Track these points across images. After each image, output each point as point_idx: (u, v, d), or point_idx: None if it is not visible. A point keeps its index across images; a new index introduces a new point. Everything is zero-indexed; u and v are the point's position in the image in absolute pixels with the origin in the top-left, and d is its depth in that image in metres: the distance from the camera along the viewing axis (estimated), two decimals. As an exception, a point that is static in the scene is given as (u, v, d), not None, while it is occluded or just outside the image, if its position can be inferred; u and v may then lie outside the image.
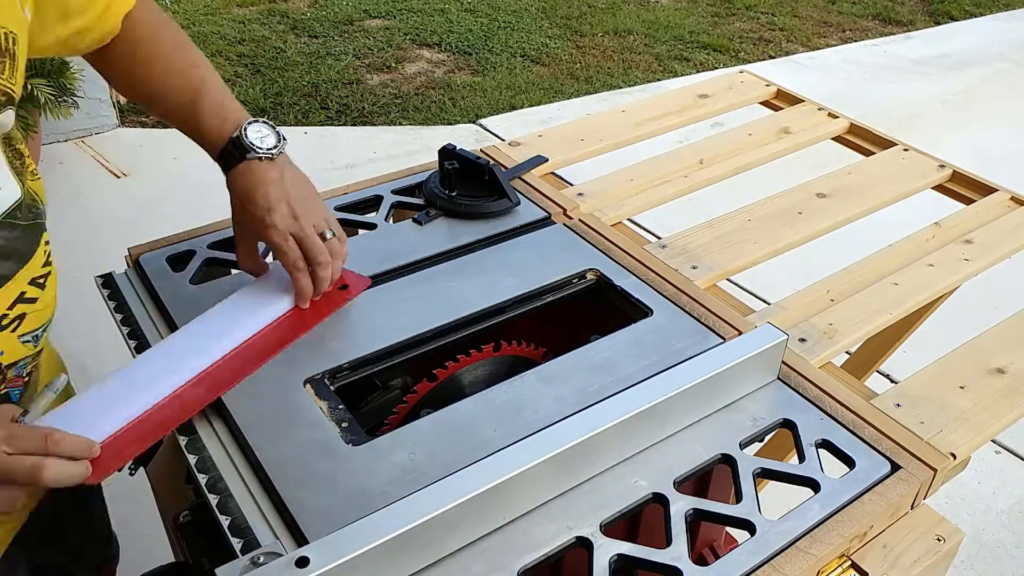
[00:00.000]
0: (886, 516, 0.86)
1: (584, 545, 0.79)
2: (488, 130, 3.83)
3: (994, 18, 5.49)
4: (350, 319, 1.03)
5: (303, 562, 0.69)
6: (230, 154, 0.98)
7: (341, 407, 0.90)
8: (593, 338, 1.01)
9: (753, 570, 0.78)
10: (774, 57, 4.78)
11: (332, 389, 0.93)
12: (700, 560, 0.77)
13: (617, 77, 4.40)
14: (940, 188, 1.48)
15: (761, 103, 1.74)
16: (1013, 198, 1.41)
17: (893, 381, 2.29)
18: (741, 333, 1.03)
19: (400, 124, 3.84)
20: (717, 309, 1.08)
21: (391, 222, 1.25)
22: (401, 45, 4.58)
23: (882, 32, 5.21)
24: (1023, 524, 2.10)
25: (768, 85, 1.75)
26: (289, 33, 4.60)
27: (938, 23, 5.37)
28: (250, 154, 0.97)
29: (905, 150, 1.54)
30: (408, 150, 3.58)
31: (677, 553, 0.78)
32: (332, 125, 3.79)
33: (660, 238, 1.27)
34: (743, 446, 0.90)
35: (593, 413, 0.84)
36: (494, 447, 0.85)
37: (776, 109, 1.71)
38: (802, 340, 1.07)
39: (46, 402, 0.82)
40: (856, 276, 1.21)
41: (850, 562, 0.84)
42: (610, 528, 0.81)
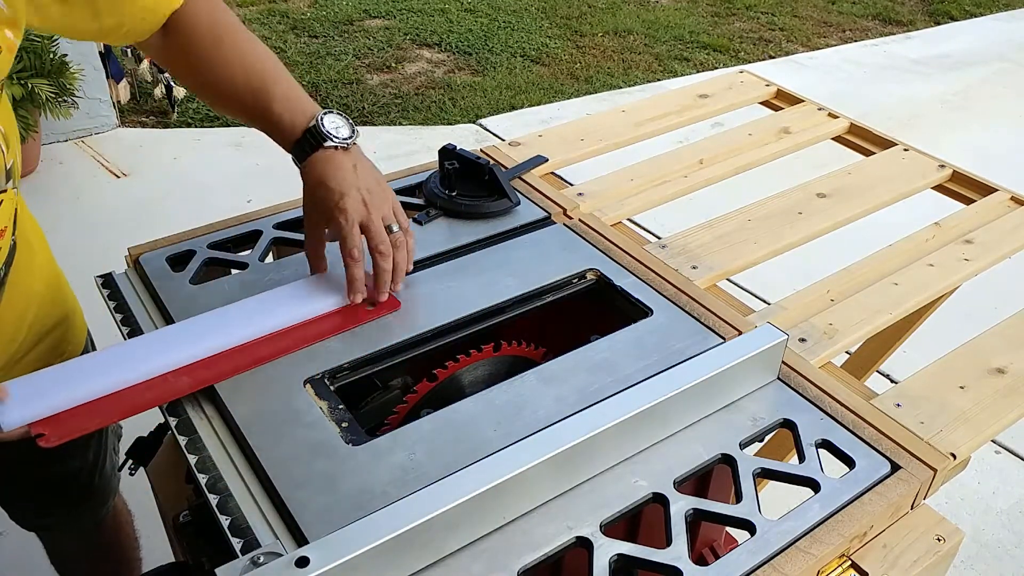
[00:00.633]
0: (886, 516, 0.86)
1: (584, 545, 0.79)
2: (488, 130, 3.83)
3: (994, 18, 5.49)
4: (350, 319, 1.03)
5: (303, 562, 0.69)
6: (306, 143, 0.99)
7: (341, 407, 0.90)
8: (593, 338, 1.01)
9: (753, 570, 0.78)
10: (774, 57, 4.78)
11: (332, 389, 0.93)
12: (700, 560, 0.77)
13: (617, 77, 4.40)
14: (940, 188, 1.48)
15: (761, 103, 1.75)
16: (1013, 198, 1.41)
17: (893, 381, 2.29)
18: (741, 333, 1.03)
19: (400, 124, 3.84)
20: (717, 309, 1.08)
21: (391, 222, 1.25)
22: (401, 45, 4.58)
23: (882, 32, 5.21)
24: (1023, 524, 2.10)
25: (768, 85, 1.75)
26: (289, 33, 4.60)
27: (938, 23, 5.37)
28: (327, 142, 0.98)
29: (905, 150, 1.54)
30: (408, 150, 3.58)
31: (677, 553, 0.78)
32: (332, 125, 3.79)
33: (660, 238, 1.27)
34: (743, 446, 0.90)
35: (593, 413, 0.84)
36: (494, 447, 0.85)
37: (776, 109, 1.71)
38: (802, 340, 1.07)
39: None
40: (856, 276, 1.21)
41: (850, 562, 0.84)
42: (610, 528, 0.81)
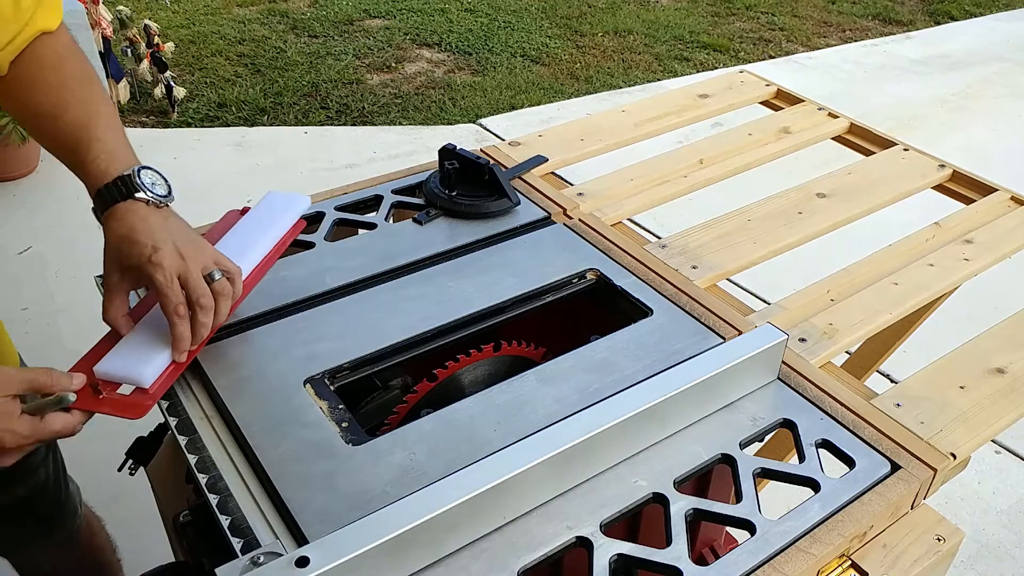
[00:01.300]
0: (886, 516, 0.86)
1: (584, 545, 0.79)
2: (488, 130, 3.83)
3: (994, 18, 5.49)
4: (350, 319, 1.03)
5: (303, 562, 0.69)
6: (116, 190, 0.91)
7: (341, 407, 0.90)
8: (593, 338, 1.01)
9: (753, 570, 0.78)
10: (774, 57, 4.78)
11: (332, 389, 0.93)
12: (700, 560, 0.77)
13: (617, 77, 4.40)
14: (940, 188, 1.48)
15: (761, 103, 1.74)
16: (1013, 198, 1.41)
17: (893, 381, 2.29)
18: (741, 333, 1.03)
19: (400, 124, 3.84)
20: (717, 309, 1.08)
21: (391, 222, 1.25)
22: (401, 45, 4.58)
23: (882, 32, 5.21)
24: (1023, 524, 2.10)
25: (768, 85, 1.75)
26: (289, 33, 4.60)
27: (938, 23, 5.37)
28: (139, 194, 0.90)
29: (905, 150, 1.54)
30: (408, 150, 3.58)
31: (677, 553, 0.78)
32: (332, 125, 3.79)
33: (660, 238, 1.27)
34: (743, 446, 0.90)
35: (593, 413, 0.84)
36: (494, 447, 0.85)
37: (776, 109, 1.71)
38: (802, 340, 1.07)
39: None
40: (856, 276, 1.21)
41: (850, 562, 0.84)
42: (610, 528, 0.81)
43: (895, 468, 0.89)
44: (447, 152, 1.28)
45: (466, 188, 1.26)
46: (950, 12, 5.50)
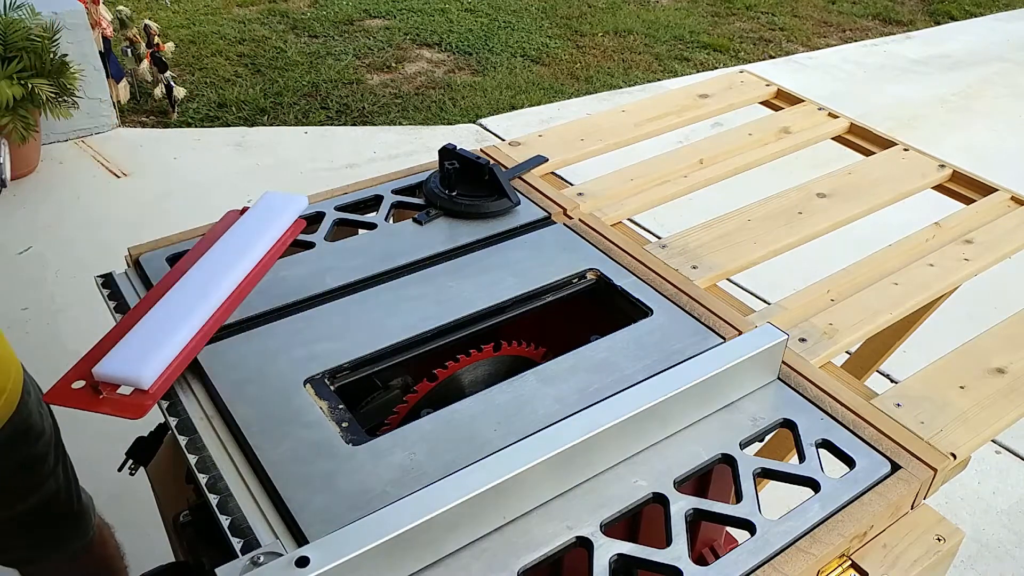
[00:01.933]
0: (886, 516, 0.86)
1: (584, 545, 0.79)
2: (488, 130, 3.83)
3: (994, 18, 5.49)
4: (350, 319, 1.03)
5: (303, 562, 0.69)
6: None
7: (341, 407, 0.90)
8: (593, 338, 1.01)
9: (753, 570, 0.78)
10: (774, 57, 4.78)
11: (332, 389, 0.93)
12: (700, 560, 0.77)
13: (617, 77, 4.40)
14: (940, 188, 1.48)
15: (761, 103, 1.74)
16: (1013, 198, 1.41)
17: (893, 381, 2.29)
18: (741, 333, 1.03)
19: (400, 124, 3.84)
20: (717, 309, 1.08)
21: (391, 222, 1.25)
22: (401, 45, 4.58)
23: (882, 32, 5.21)
24: (1023, 524, 2.10)
25: (768, 85, 1.75)
26: (289, 33, 4.60)
27: (938, 23, 5.37)
28: None
29: (905, 150, 1.54)
30: (408, 150, 3.58)
31: (677, 553, 0.78)
32: (332, 125, 3.79)
33: (660, 238, 1.27)
34: (743, 446, 0.90)
35: (593, 413, 0.84)
36: (494, 447, 0.85)
37: (776, 109, 1.71)
38: (802, 340, 1.07)
39: None
40: (856, 276, 1.21)
41: (850, 562, 0.84)
42: (610, 528, 0.81)
43: (895, 468, 0.89)
44: (447, 152, 1.28)
45: (466, 188, 1.26)
46: (950, 12, 5.50)
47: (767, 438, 0.95)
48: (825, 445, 0.91)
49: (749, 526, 0.82)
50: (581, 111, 3.97)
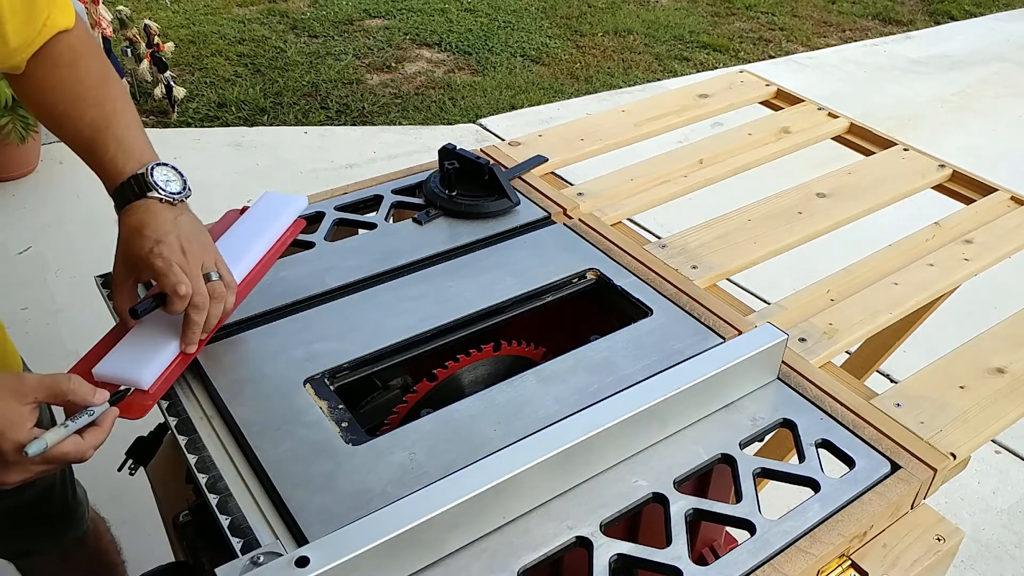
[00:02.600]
0: (886, 516, 0.86)
1: (584, 545, 0.79)
2: (488, 130, 3.83)
3: (994, 18, 5.49)
4: (350, 319, 1.03)
5: (303, 562, 0.69)
6: (129, 189, 0.93)
7: (341, 407, 0.90)
8: (593, 338, 1.01)
9: (753, 570, 0.78)
10: (774, 57, 4.78)
11: (332, 389, 0.93)
12: (700, 560, 0.77)
13: (617, 77, 4.40)
14: (940, 188, 1.48)
15: (761, 103, 1.74)
16: (1013, 198, 1.41)
17: (893, 381, 2.29)
18: (741, 333, 1.03)
19: (400, 124, 3.84)
20: (717, 309, 1.08)
21: (391, 222, 1.25)
22: (401, 45, 4.58)
23: (882, 32, 5.21)
24: (1023, 524, 2.10)
25: (768, 85, 1.75)
26: (289, 33, 4.60)
27: (938, 23, 5.37)
28: (151, 193, 0.93)
29: (905, 150, 1.54)
30: (408, 150, 3.58)
31: (677, 553, 0.78)
32: (332, 125, 3.79)
33: (660, 238, 1.27)
34: (743, 446, 0.90)
35: (593, 413, 0.84)
36: (494, 447, 0.85)
37: (776, 109, 1.71)
38: (802, 340, 1.07)
39: (55, 438, 0.79)
40: (856, 276, 1.21)
41: (850, 562, 0.84)
42: (610, 528, 0.81)
43: (895, 468, 0.89)
44: (447, 152, 1.28)
45: (466, 188, 1.26)
46: (950, 12, 5.50)
47: (767, 438, 0.95)
48: (825, 445, 0.91)
49: (749, 526, 0.82)
50: (581, 111, 3.97)
